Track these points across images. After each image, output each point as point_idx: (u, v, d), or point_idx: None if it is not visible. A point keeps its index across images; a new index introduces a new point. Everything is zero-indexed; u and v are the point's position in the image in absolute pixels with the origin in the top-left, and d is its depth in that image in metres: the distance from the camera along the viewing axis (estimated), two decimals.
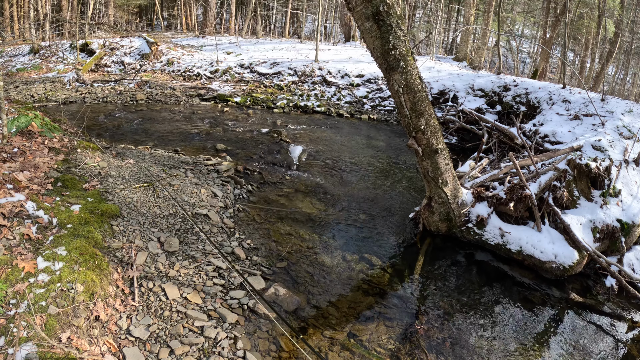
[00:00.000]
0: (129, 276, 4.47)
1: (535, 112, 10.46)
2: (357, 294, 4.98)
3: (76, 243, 4.42)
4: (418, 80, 5.17)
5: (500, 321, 4.82)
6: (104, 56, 18.77)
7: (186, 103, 13.45)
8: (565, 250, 5.67)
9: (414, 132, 5.42)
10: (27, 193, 5.00)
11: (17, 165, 5.61)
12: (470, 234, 6.19)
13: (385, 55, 5.04)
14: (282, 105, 13.70)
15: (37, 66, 18.22)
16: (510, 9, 29.39)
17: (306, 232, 6.17)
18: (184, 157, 7.97)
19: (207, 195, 6.48)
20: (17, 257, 4.04)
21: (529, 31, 36.00)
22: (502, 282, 5.58)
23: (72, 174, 5.96)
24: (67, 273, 4.01)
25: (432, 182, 5.82)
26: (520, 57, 30.72)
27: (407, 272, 5.52)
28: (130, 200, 5.78)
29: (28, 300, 3.68)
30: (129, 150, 7.94)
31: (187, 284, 4.56)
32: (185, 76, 17.17)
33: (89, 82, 15.54)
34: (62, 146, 6.87)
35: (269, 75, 16.60)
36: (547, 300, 5.27)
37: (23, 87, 14.49)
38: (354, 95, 14.75)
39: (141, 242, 5.02)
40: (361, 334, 4.36)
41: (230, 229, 5.90)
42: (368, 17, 4.91)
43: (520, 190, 6.06)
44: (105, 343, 3.73)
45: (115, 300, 4.13)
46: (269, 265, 5.29)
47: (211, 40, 21.62)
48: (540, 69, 18.74)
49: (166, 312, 4.16)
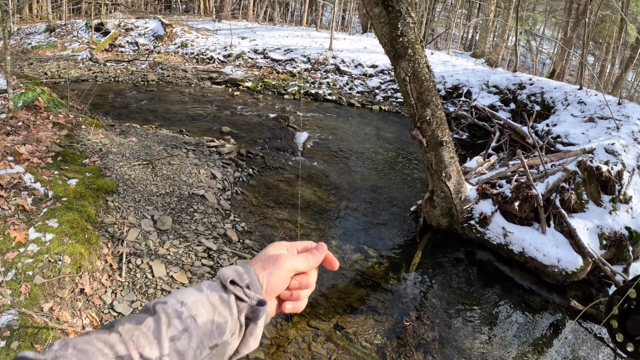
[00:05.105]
0: (118, 252, 4.43)
1: (549, 112, 10.23)
2: (349, 285, 4.87)
3: (68, 216, 4.42)
4: (426, 69, 5.02)
5: (496, 324, 4.68)
6: (118, 36, 18.77)
7: (197, 86, 13.38)
8: (569, 255, 5.48)
9: (419, 123, 5.28)
10: (26, 165, 5.04)
11: (20, 139, 5.64)
12: (472, 231, 6.04)
13: (393, 42, 4.90)
14: (293, 92, 13.57)
15: (52, 44, 18.29)
16: (532, 8, 28.88)
17: (304, 218, 6.07)
18: (187, 138, 7.90)
19: (205, 177, 6.41)
20: (10, 227, 4.08)
21: (550, 32, 35.35)
22: (502, 283, 5.42)
23: (74, 149, 5.97)
24: (56, 245, 4.02)
25: (435, 175, 5.68)
26: (540, 58, 30.23)
27: (403, 267, 5.39)
28: (128, 177, 5.74)
29: (15, 269, 3.69)
30: (133, 129, 7.90)
31: (175, 263, 4.50)
32: (198, 59, 17.10)
33: (102, 62, 15.55)
34: (67, 122, 6.87)
35: (282, 61, 16.46)
36: (547, 306, 5.09)
37: (37, 65, 14.55)
38: (367, 86, 14.57)
39: (134, 219, 4.97)
40: (348, 327, 4.25)
41: (225, 211, 5.82)
42: (377, 2, 4.77)
43: (526, 189, 5.89)
44: (88, 316, 3.71)
45: (102, 274, 4.09)
46: (260, 249, 5.19)
47: (226, 25, 21.51)
48: (558, 70, 18.38)
49: (151, 289, 4.10)
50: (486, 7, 19.60)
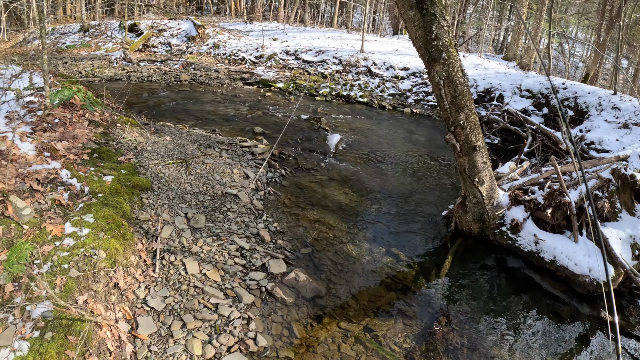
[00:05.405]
0: (152, 248, 4.52)
1: (582, 117, 10.00)
2: (379, 288, 4.87)
3: (104, 212, 4.50)
4: (460, 73, 4.98)
5: (524, 332, 4.60)
6: (151, 37, 19.14)
7: (229, 86, 13.55)
8: (600, 265, 5.36)
9: (452, 127, 5.24)
10: (63, 161, 5.13)
11: (57, 135, 5.75)
12: (503, 237, 5.95)
13: (427, 46, 4.87)
14: (325, 93, 13.61)
15: (86, 44, 18.77)
16: (565, 9, 28.24)
17: (335, 220, 6.09)
18: (220, 138, 8.01)
19: (239, 176, 6.50)
20: (46, 221, 4.16)
21: (583, 34, 34.48)
22: (531, 291, 5.32)
23: (109, 147, 6.08)
24: (91, 239, 4.10)
25: (468, 180, 5.63)
26: (572, 61, 29.52)
27: (433, 271, 5.35)
28: (163, 175, 5.85)
29: (51, 262, 3.78)
30: (167, 128, 8.05)
31: (208, 261, 4.57)
32: (230, 60, 17.31)
33: (136, 61, 15.88)
34: (102, 120, 7.02)
35: (313, 63, 16.51)
36: (576, 316, 4.97)
37: (71, 64, 14.96)
38: (398, 88, 14.50)
39: (168, 217, 5.07)
40: (377, 330, 4.25)
41: (258, 210, 5.89)
42: (411, 5, 4.75)
43: (559, 196, 5.77)
44: (121, 310, 3.79)
45: (136, 269, 4.18)
46: (292, 249, 5.25)
47: (258, 26, 21.70)
48: (591, 74, 17.92)
49: (184, 286, 4.17)
50: (518, 8, 19.27)
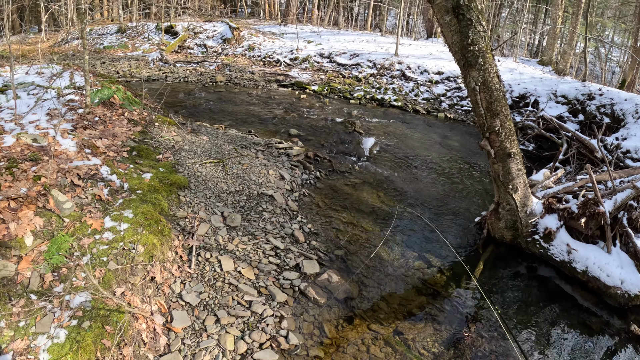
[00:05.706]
0: (188, 244, 4.66)
1: (619, 124, 9.75)
2: (410, 292, 4.89)
3: (143, 208, 4.65)
4: (496, 79, 4.96)
5: (553, 342, 4.54)
6: (187, 38, 19.56)
7: (264, 88, 13.75)
8: (633, 277, 5.21)
9: (487, 133, 5.21)
10: (103, 158, 5.30)
11: (97, 133, 5.94)
12: (536, 246, 5.88)
13: (464, 51, 4.86)
14: (359, 96, 13.67)
15: (124, 45, 19.31)
16: (601, 13, 27.49)
17: (368, 223, 6.14)
18: (256, 139, 8.16)
19: (274, 177, 6.62)
20: (86, 215, 4.33)
21: (619, 38, 33.43)
22: (561, 301, 5.24)
23: (148, 145, 6.25)
24: (130, 234, 4.25)
25: (501, 187, 5.59)
26: (609, 66, 28.67)
27: (464, 277, 5.33)
28: (200, 174, 6.00)
29: (91, 254, 3.94)
30: (203, 128, 8.24)
31: (243, 259, 4.69)
32: (264, 62, 17.54)
33: (172, 62, 16.26)
34: (141, 119, 7.21)
35: (347, 66, 16.59)
36: (606, 329, 4.86)
37: (109, 64, 15.42)
38: (432, 92, 14.43)
39: (205, 215, 5.21)
40: (407, 333, 4.28)
41: (293, 211, 5.99)
42: (448, 10, 4.75)
43: (593, 206, 5.66)
44: (157, 303, 3.92)
45: (172, 265, 4.32)
46: (326, 251, 5.32)
47: (292, 29, 21.90)
48: (628, 80, 17.41)
49: (219, 282, 4.30)
50: (554, 12, 18.89)
